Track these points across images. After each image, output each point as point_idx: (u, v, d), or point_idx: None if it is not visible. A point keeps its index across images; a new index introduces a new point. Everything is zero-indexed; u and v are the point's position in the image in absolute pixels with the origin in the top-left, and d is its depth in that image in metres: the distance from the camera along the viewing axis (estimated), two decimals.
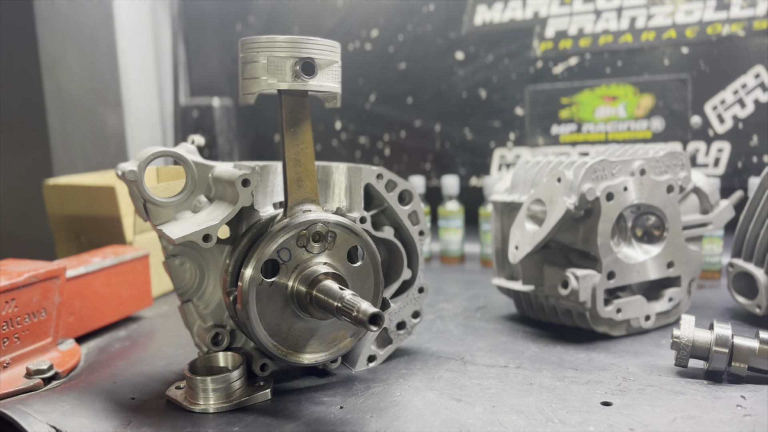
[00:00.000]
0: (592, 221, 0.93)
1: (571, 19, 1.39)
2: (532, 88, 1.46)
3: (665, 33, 1.32)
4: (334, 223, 0.77)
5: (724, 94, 1.31)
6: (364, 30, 1.60)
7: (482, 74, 1.50)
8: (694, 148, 1.35)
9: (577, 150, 1.44)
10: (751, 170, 1.30)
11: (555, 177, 0.93)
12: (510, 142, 1.50)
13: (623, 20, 1.35)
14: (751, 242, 1.01)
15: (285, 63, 0.72)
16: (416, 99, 1.58)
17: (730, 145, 1.32)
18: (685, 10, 1.30)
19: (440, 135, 1.56)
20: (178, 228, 0.76)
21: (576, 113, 1.43)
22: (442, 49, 1.53)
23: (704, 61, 1.31)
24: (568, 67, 1.42)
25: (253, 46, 0.72)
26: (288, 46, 0.71)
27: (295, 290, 0.75)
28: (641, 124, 1.38)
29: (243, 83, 0.73)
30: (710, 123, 1.33)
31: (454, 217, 1.47)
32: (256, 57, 0.72)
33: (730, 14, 1.27)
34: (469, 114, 1.53)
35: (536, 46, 1.44)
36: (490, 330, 1.01)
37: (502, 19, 1.45)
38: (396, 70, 1.59)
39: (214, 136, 1.74)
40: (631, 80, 1.37)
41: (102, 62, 1.63)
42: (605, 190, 0.92)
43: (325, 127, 1.69)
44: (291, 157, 0.77)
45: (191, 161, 0.82)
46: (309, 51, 0.72)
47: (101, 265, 1.04)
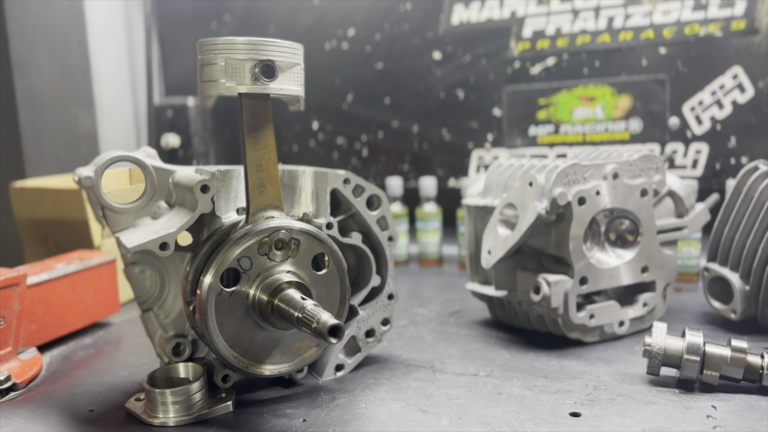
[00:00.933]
0: (564, 226, 0.92)
1: (548, 19, 1.38)
2: (509, 88, 1.44)
3: (643, 33, 1.31)
4: (297, 230, 0.75)
5: (702, 95, 1.30)
6: (341, 29, 1.58)
7: (460, 74, 1.48)
8: (672, 150, 1.34)
9: (555, 151, 1.43)
10: (729, 172, 1.30)
11: (526, 181, 0.92)
12: (488, 143, 1.48)
13: (601, 20, 1.34)
14: (726, 246, 1.00)
15: (244, 66, 0.69)
16: (394, 99, 1.56)
17: (708, 147, 1.31)
18: (662, 10, 1.29)
19: (418, 136, 1.55)
20: (135, 236, 0.74)
21: (553, 114, 1.42)
22: (419, 49, 1.51)
23: (682, 62, 1.30)
24: (546, 68, 1.40)
25: (211, 48, 0.69)
26: (247, 48, 0.69)
27: (257, 299, 0.73)
28: (619, 125, 1.37)
29: (201, 86, 0.71)
30: (688, 124, 1.32)
31: (432, 219, 1.46)
32: (214, 59, 0.69)
33: (708, 14, 1.26)
34: (446, 114, 1.51)
35: (513, 46, 1.42)
36: (463, 336, 1.00)
37: (479, 18, 1.44)
38: (373, 70, 1.57)
39: (189, 137, 1.71)
40: (608, 81, 1.36)
41: (74, 61, 1.59)
42: (577, 194, 0.91)
43: (302, 127, 1.67)
44: (252, 162, 0.75)
45: (150, 166, 0.80)
46: (269, 53, 0.70)
47: (65, 271, 1.02)
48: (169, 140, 1.70)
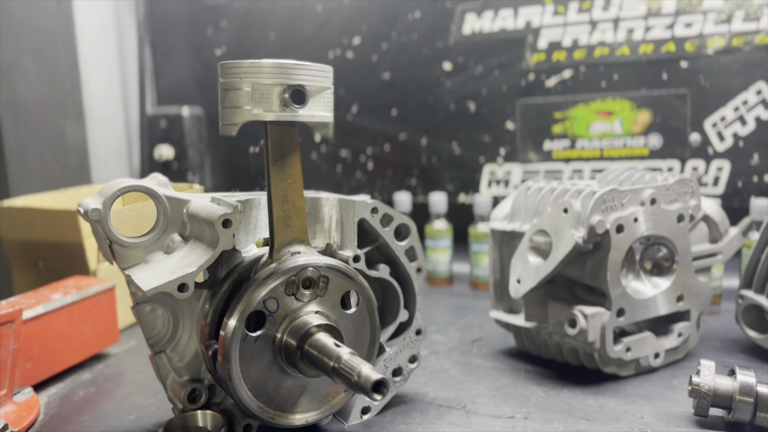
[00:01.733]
0: (600, 255, 0.88)
1: (565, 30, 1.34)
2: (523, 101, 1.40)
3: (664, 46, 1.28)
4: (326, 267, 0.70)
5: (725, 110, 1.27)
6: (346, 37, 1.52)
7: (471, 86, 1.44)
8: (693, 167, 1.31)
9: (571, 167, 1.39)
10: (752, 190, 1.27)
11: (561, 207, 0.87)
12: (500, 158, 1.44)
13: (620, 32, 1.30)
14: (762, 273, 0.97)
15: (272, 91, 0.64)
16: (401, 111, 1.51)
17: (730, 164, 1.28)
18: (684, 22, 1.25)
19: (426, 149, 1.50)
20: (149, 275, 0.68)
21: (569, 128, 1.38)
22: (428, 59, 1.46)
23: (704, 76, 1.27)
24: (562, 80, 1.36)
25: (235, 71, 0.64)
26: (275, 71, 0.64)
27: (284, 344, 0.68)
28: (638, 141, 1.33)
29: (223, 112, 0.66)
30: (710, 140, 1.29)
31: (442, 237, 1.41)
32: (238, 84, 0.64)
33: (732, 27, 1.23)
34: (457, 127, 1.47)
35: (528, 58, 1.38)
36: (490, 369, 0.95)
37: (492, 28, 1.39)
38: (379, 80, 1.51)
39: (183, 148, 1.65)
40: (627, 95, 1.32)
41: (62, 69, 1.52)
42: (615, 221, 0.87)
43: (303, 139, 1.61)
44: (278, 193, 0.70)
45: (163, 196, 0.74)
46: (299, 77, 0.65)
47: (62, 302, 0.95)
48: (162, 152, 1.63)
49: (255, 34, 1.61)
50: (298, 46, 1.57)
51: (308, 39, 1.56)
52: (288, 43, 1.58)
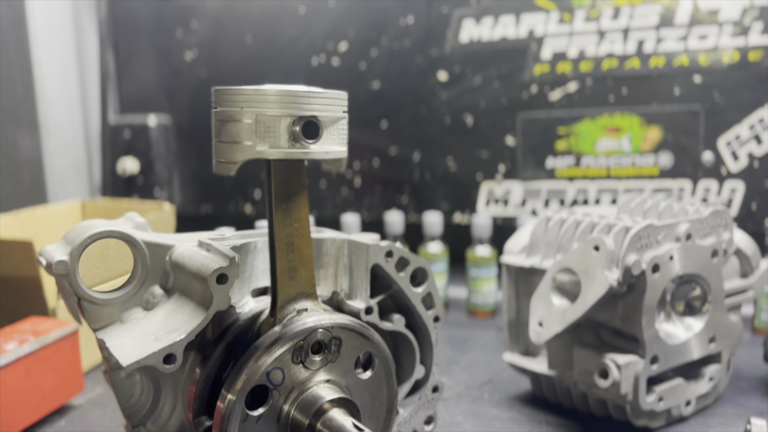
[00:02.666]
0: (634, 298, 0.80)
1: (570, 40, 1.27)
2: (525, 115, 1.32)
3: (676, 59, 1.22)
4: (339, 327, 0.60)
5: (740, 128, 1.22)
6: (331, 42, 1.42)
7: (468, 98, 1.36)
8: (705, 188, 1.25)
9: (575, 186, 1.32)
10: (766, 213, 1.22)
11: (591, 244, 0.79)
12: (499, 175, 1.36)
13: (630, 43, 1.24)
14: None
15: (279, 123, 0.54)
16: (392, 123, 1.42)
17: (745, 185, 1.23)
18: (698, 34, 1.19)
19: (419, 165, 1.41)
20: (127, 342, 0.58)
21: (575, 145, 1.31)
22: (422, 68, 1.38)
23: (718, 92, 1.21)
24: (567, 94, 1.29)
25: (235, 99, 0.54)
26: (284, 100, 0.54)
27: (291, 420, 0.58)
28: (647, 159, 1.27)
29: (218, 147, 0.55)
30: (723, 160, 1.23)
31: (438, 261, 1.33)
32: (238, 114, 0.54)
33: (749, 41, 1.17)
34: (452, 142, 1.39)
35: (531, 69, 1.30)
36: (507, 421, 0.87)
37: (492, 36, 1.31)
38: (368, 90, 1.42)
39: (150, 161, 1.53)
40: (637, 110, 1.26)
41: (13, 74, 1.38)
42: (651, 261, 0.79)
43: None
44: (282, 240, 0.60)
45: (142, 242, 0.63)
46: (311, 107, 0.55)
47: (18, 353, 0.83)
48: (126, 165, 1.50)
49: (230, 37, 1.50)
50: (278, 51, 1.47)
51: (289, 43, 1.46)
52: (267, 47, 1.47)
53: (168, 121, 1.57)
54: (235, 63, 1.50)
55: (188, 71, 1.53)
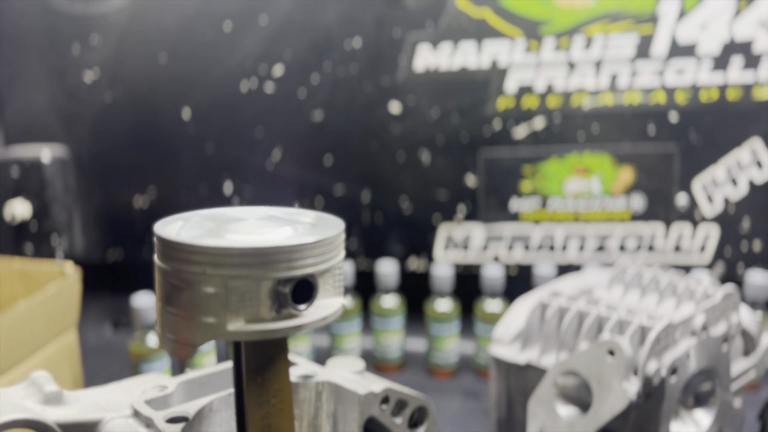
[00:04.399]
0: (651, 406, 0.72)
1: (538, 71, 1.17)
2: (487, 152, 1.22)
3: (652, 94, 1.15)
4: None
5: (716, 170, 1.17)
6: (264, 65, 1.26)
7: (425, 133, 1.24)
8: (677, 233, 1.20)
9: (542, 229, 1.24)
10: (740, 259, 1.18)
11: (604, 348, 0.70)
12: (459, 217, 1.25)
13: (603, 76, 1.16)
14: None
15: (259, 288, 0.39)
16: (338, 159, 1.28)
17: (719, 230, 1.18)
18: (676, 68, 1.13)
19: (369, 206, 1.28)
20: None
21: (541, 186, 1.22)
22: (371, 98, 1.24)
23: (695, 131, 1.15)
24: (533, 131, 1.20)
25: (195, 258, 0.39)
26: (267, 261, 0.39)
27: None
28: (618, 202, 1.20)
29: (168, 319, 0.41)
30: (697, 203, 1.18)
31: (393, 316, 1.21)
32: (200, 280, 0.39)
33: (728, 78, 1.12)
34: (407, 181, 1.27)
35: (494, 102, 1.20)
36: None
37: (451, 66, 1.19)
38: (308, 122, 1.27)
39: (44, 203, 1.31)
40: (608, 149, 1.19)
41: None
42: (671, 366, 0.71)
43: (209, 189, 1.33)
44: (256, 422, 0.45)
45: (55, 426, 0.47)
46: (305, 263, 0.40)
47: None
48: (15, 210, 1.28)
49: (139, 55, 1.30)
50: (200, 74, 1.28)
51: (213, 64, 1.28)
52: (186, 68, 1.28)
53: (65, 153, 1.34)
54: (147, 86, 1.30)
55: (88, 95, 1.31)
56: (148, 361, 1.05)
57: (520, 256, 1.26)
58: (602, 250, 1.23)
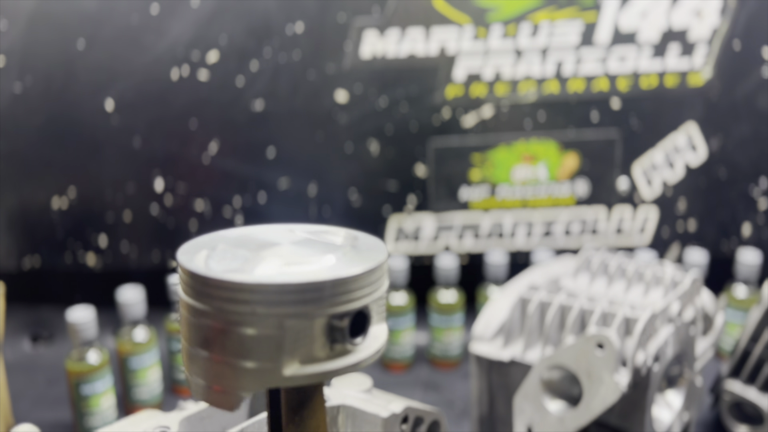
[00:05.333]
0: (637, 395, 0.74)
1: (486, 59, 1.16)
2: (436, 142, 1.20)
3: (595, 82, 1.17)
4: None
5: (654, 155, 1.21)
6: (197, 51, 1.17)
7: (372, 122, 1.20)
8: (619, 215, 1.24)
9: (491, 217, 1.24)
10: (677, 239, 1.24)
11: (593, 342, 0.71)
12: (409, 207, 1.24)
13: (549, 64, 1.17)
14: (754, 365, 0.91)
15: (313, 326, 0.35)
16: (281, 151, 1.22)
17: (658, 212, 1.23)
18: (619, 55, 1.15)
19: (316, 199, 1.23)
20: None
21: (490, 174, 1.22)
22: (316, 87, 1.19)
23: (636, 118, 1.19)
24: (481, 119, 1.19)
25: (245, 296, 0.34)
26: (325, 294, 0.35)
27: None
28: (564, 188, 1.23)
29: (207, 365, 0.35)
30: (638, 187, 1.22)
31: None
32: (251, 321, 0.34)
33: (666, 65, 1.16)
34: (355, 173, 1.23)
35: (443, 91, 1.18)
36: None
37: (398, 53, 1.16)
38: (248, 112, 1.20)
39: None
40: (554, 135, 1.20)
41: None
42: (656, 354, 0.73)
43: (137, 187, 1.23)
44: None
45: None
46: (363, 293, 0.37)
47: None
48: None
49: (53, 41, 1.17)
50: (125, 61, 1.18)
51: (140, 51, 1.17)
52: (108, 55, 1.17)
53: None
54: (63, 75, 1.18)
55: None
56: (89, 381, 0.96)
57: (471, 244, 1.26)
58: (549, 236, 1.26)
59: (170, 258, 1.27)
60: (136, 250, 1.26)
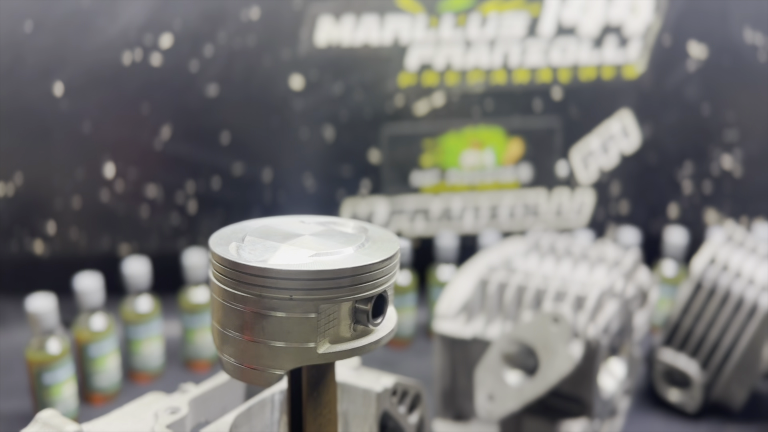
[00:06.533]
0: (587, 364, 0.82)
1: (437, 49, 1.21)
2: (390, 128, 1.25)
3: (539, 72, 1.25)
4: None
5: (591, 141, 1.30)
6: (150, 35, 1.17)
7: (327, 109, 1.24)
8: (558, 198, 1.33)
9: (441, 200, 1.30)
10: (612, 220, 1.35)
11: (549, 318, 0.78)
12: (363, 192, 1.28)
13: (496, 55, 1.23)
14: (682, 335, 1.02)
15: (340, 309, 0.40)
16: (236, 137, 1.23)
17: (594, 195, 1.33)
18: (561, 47, 1.23)
19: (272, 185, 1.26)
20: None
21: (440, 160, 1.28)
22: (271, 73, 1.21)
23: (575, 106, 1.28)
24: (433, 107, 1.25)
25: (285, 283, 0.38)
26: (356, 280, 0.39)
27: None
28: (508, 173, 1.30)
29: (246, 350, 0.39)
30: (575, 172, 1.31)
31: None
32: (290, 306, 0.38)
33: (604, 57, 1.25)
34: (310, 158, 1.26)
35: (396, 79, 1.23)
36: None
37: (353, 41, 1.19)
38: (202, 97, 1.21)
39: None
40: (500, 122, 1.27)
41: None
42: (605, 326, 0.81)
43: (87, 173, 1.22)
44: None
45: None
46: (384, 279, 0.41)
47: None
48: None
49: None
50: (74, 46, 1.16)
51: (90, 34, 1.16)
52: (56, 38, 1.15)
53: None
54: (9, 58, 1.15)
55: None
56: (51, 369, 0.96)
57: (422, 228, 1.32)
58: (495, 218, 1.33)
59: (121, 244, 1.26)
60: (85, 237, 1.25)
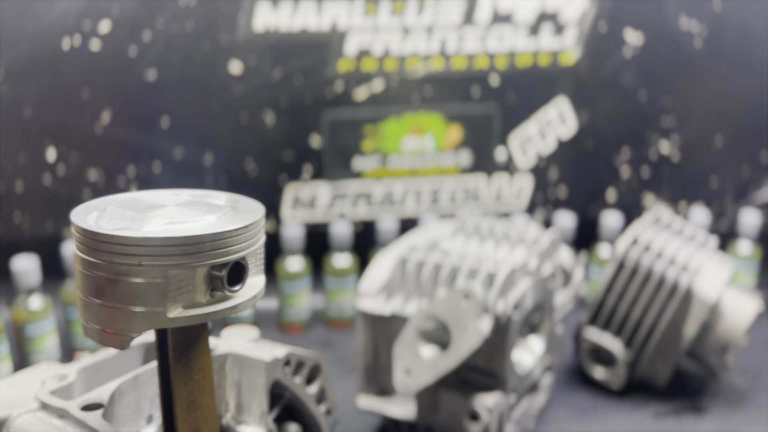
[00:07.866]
0: (498, 339, 0.85)
1: (375, 36, 1.23)
2: (331, 114, 1.27)
3: (476, 59, 1.27)
4: None
5: (529, 127, 1.33)
6: (89, 21, 1.17)
7: (267, 94, 1.25)
8: (498, 182, 1.35)
9: (383, 185, 1.32)
10: (550, 204, 1.38)
11: (461, 294, 0.81)
12: (305, 176, 1.30)
13: (434, 42, 1.25)
14: (606, 314, 1.05)
15: (194, 274, 0.42)
16: (175, 121, 1.24)
17: (533, 180, 1.36)
18: (497, 34, 1.25)
19: (212, 169, 1.27)
20: None
21: (381, 145, 1.30)
22: (210, 58, 1.22)
23: (512, 93, 1.31)
24: (372, 92, 1.26)
25: (133, 249, 0.40)
26: (203, 249, 0.41)
27: None
28: (449, 158, 1.32)
29: (101, 311, 0.41)
30: (513, 157, 1.34)
31: None
32: (138, 271, 0.40)
33: (540, 44, 1.27)
34: (251, 143, 1.27)
35: (335, 65, 1.24)
36: None
37: (291, 27, 1.21)
38: (141, 81, 1.21)
39: None
40: (439, 109, 1.30)
41: None
42: (515, 303, 0.83)
43: (29, 157, 1.22)
44: (182, 400, 0.48)
45: None
46: (240, 247, 0.43)
47: None
48: None
49: None
50: (13, 30, 1.15)
51: (28, 20, 1.15)
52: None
53: None
54: None
55: None
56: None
57: (364, 212, 1.34)
58: (436, 202, 1.36)
59: (64, 227, 1.27)
60: (29, 220, 1.25)
